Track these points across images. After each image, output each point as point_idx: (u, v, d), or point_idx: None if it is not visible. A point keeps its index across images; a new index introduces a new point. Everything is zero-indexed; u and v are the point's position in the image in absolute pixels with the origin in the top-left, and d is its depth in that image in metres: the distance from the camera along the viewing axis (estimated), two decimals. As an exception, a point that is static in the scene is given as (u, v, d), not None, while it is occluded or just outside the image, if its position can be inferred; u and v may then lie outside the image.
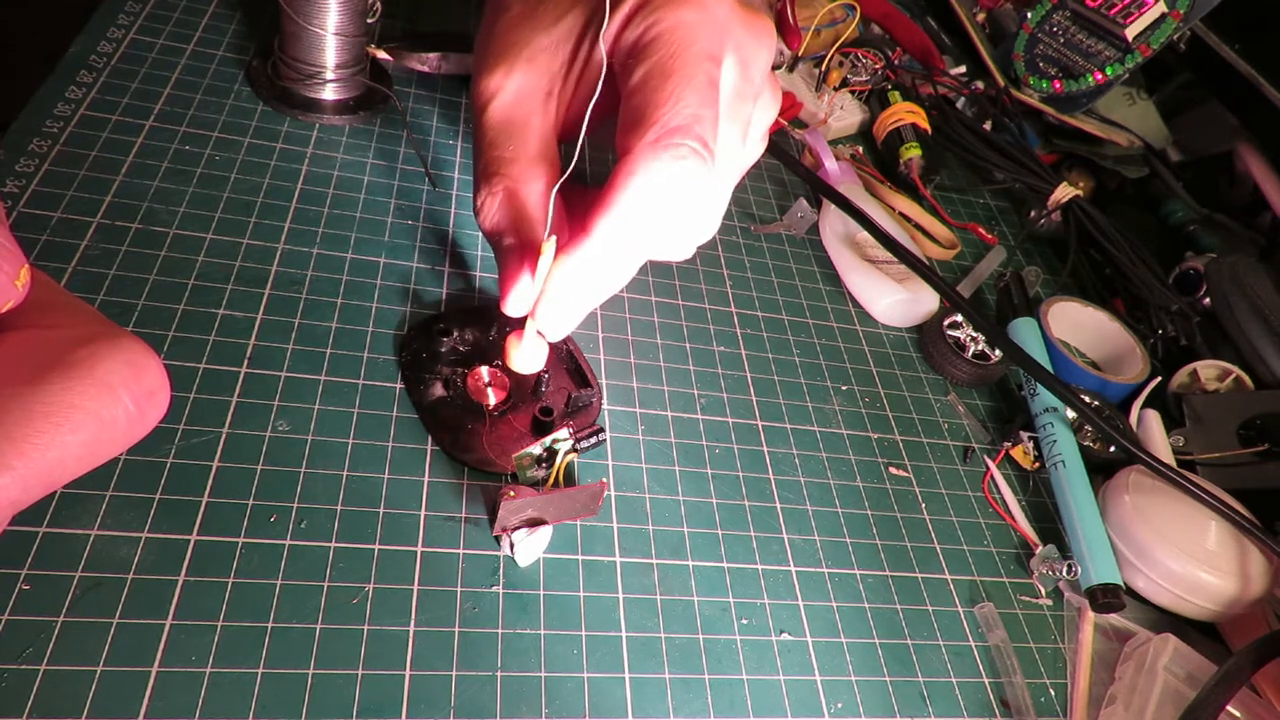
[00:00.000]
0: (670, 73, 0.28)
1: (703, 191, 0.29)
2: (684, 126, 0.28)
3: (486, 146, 0.32)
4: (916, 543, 0.39)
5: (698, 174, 0.28)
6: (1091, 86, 0.62)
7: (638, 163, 0.28)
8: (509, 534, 0.32)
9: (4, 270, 0.19)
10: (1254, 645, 0.33)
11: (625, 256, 0.30)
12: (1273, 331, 0.50)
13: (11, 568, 0.27)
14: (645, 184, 0.28)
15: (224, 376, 0.33)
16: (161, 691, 0.26)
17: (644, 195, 0.28)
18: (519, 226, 0.31)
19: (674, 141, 0.28)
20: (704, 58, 0.29)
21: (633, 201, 0.28)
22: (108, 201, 0.37)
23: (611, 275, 0.30)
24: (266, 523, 0.30)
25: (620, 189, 0.28)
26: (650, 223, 0.29)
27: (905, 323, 0.49)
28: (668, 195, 0.28)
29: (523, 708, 0.29)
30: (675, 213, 0.29)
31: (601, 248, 0.29)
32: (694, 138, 0.28)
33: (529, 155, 0.31)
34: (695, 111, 0.28)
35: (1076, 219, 0.55)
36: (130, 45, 0.45)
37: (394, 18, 0.54)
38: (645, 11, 0.29)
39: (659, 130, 0.28)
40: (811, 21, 0.61)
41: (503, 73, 0.31)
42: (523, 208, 0.31)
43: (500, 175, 0.31)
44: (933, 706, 0.34)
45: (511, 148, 0.31)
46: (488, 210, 0.32)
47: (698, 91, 0.28)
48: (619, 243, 0.29)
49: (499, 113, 0.32)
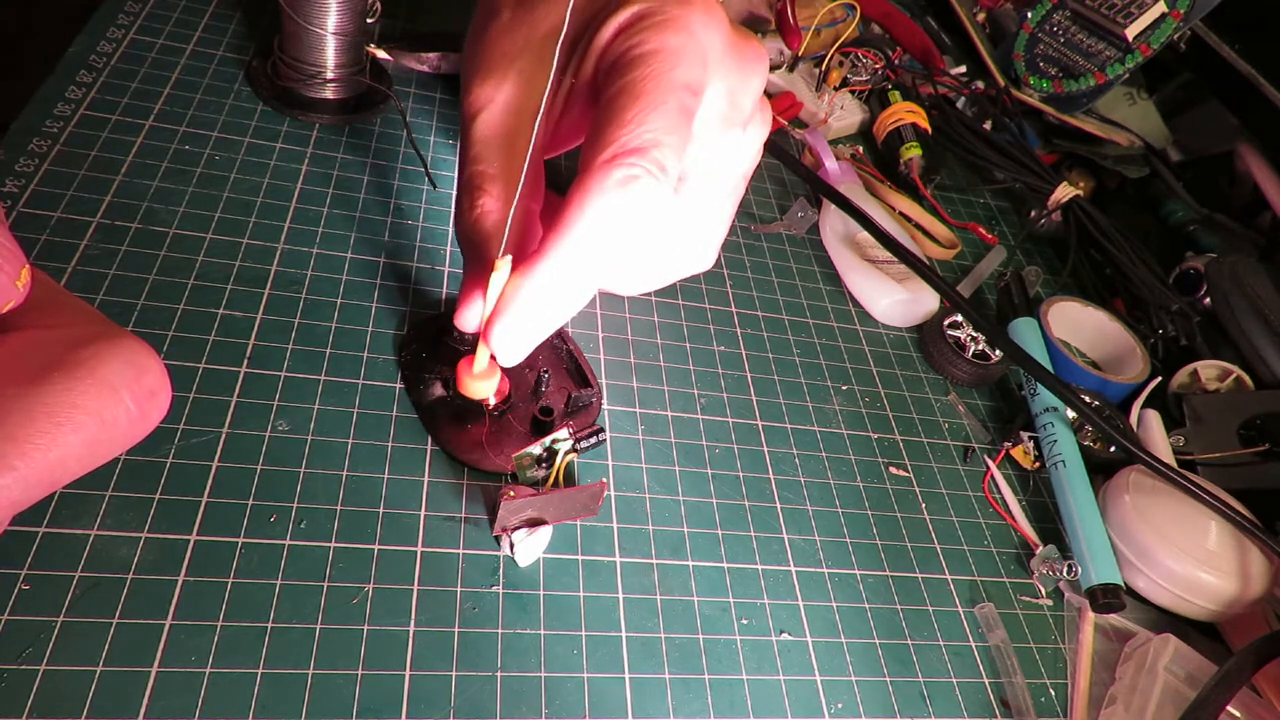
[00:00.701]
0: (640, 94, 0.27)
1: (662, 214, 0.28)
2: (640, 149, 0.27)
3: (471, 160, 0.31)
4: (917, 543, 0.39)
5: (650, 196, 0.27)
6: (1092, 86, 0.62)
7: (590, 182, 0.27)
8: (509, 534, 0.32)
9: (5, 270, 0.19)
10: (1254, 645, 0.33)
11: (580, 279, 0.29)
12: (1273, 331, 0.50)
13: (11, 568, 0.27)
14: (596, 204, 0.27)
15: (224, 376, 0.33)
16: (161, 691, 0.26)
17: (595, 216, 0.27)
18: (487, 244, 0.30)
19: (627, 162, 0.27)
20: (679, 85, 0.28)
21: (584, 223, 0.27)
22: (108, 201, 0.37)
23: (566, 298, 0.29)
24: (266, 523, 0.30)
25: (572, 209, 0.27)
26: (604, 245, 0.28)
27: (905, 323, 0.49)
28: (619, 216, 0.27)
29: (523, 708, 0.29)
30: (630, 234, 0.28)
31: (554, 270, 0.28)
32: (649, 160, 0.27)
33: (510, 171, 0.31)
34: (656, 136, 0.27)
35: (1077, 219, 0.55)
36: (130, 45, 0.45)
37: (394, 18, 0.54)
38: (633, 30, 0.29)
39: (615, 150, 0.27)
40: (811, 21, 0.61)
41: (493, 84, 0.31)
42: (498, 226, 0.30)
43: (480, 190, 0.30)
44: (933, 706, 0.34)
45: (495, 164, 0.31)
46: (462, 224, 0.31)
47: (664, 117, 0.27)
48: (572, 265, 0.28)
49: (486, 127, 0.31)
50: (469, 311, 0.31)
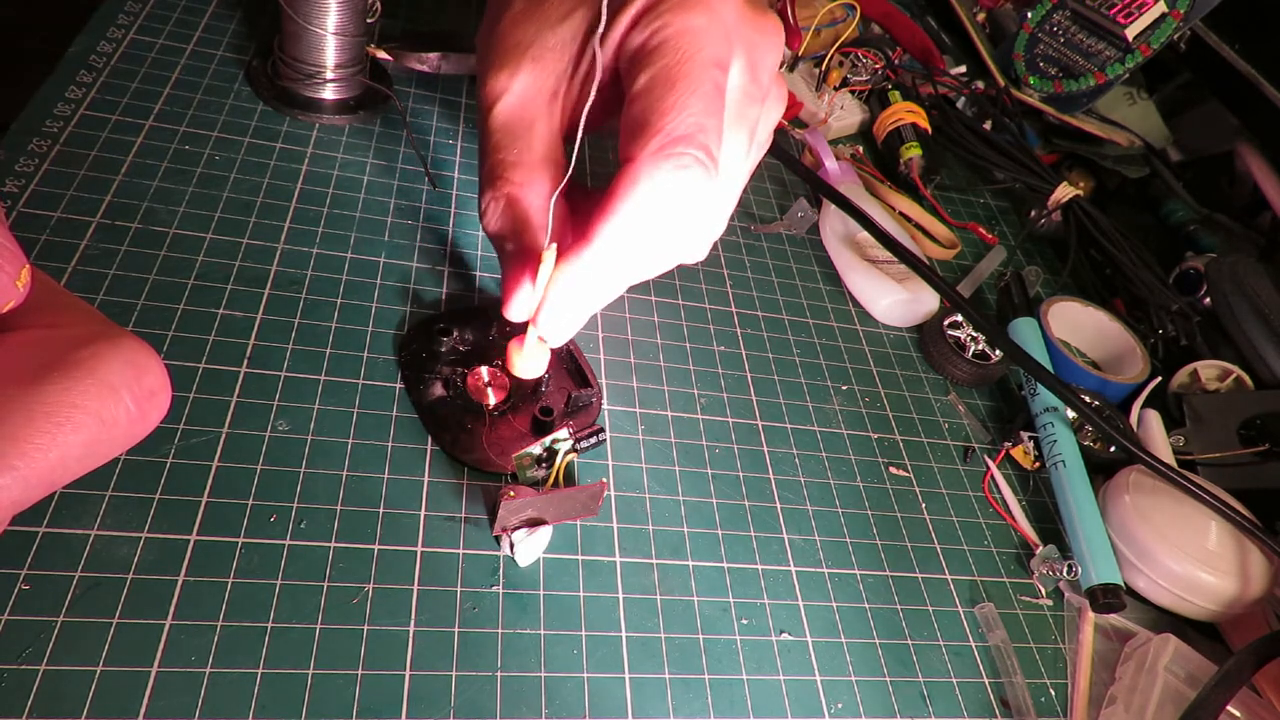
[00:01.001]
0: (675, 80, 0.28)
1: (705, 200, 0.29)
2: (688, 135, 0.27)
3: (491, 150, 0.31)
4: (917, 543, 0.39)
5: (700, 184, 0.28)
6: (1092, 86, 0.62)
7: (640, 172, 0.27)
8: (509, 534, 0.32)
9: (5, 270, 0.19)
10: (1254, 645, 0.33)
11: (626, 265, 0.30)
12: (1273, 331, 0.50)
13: (11, 568, 0.27)
14: (647, 194, 0.28)
15: (224, 376, 0.33)
16: (161, 691, 0.26)
17: (645, 205, 0.28)
18: (521, 232, 0.31)
19: (677, 151, 0.27)
20: (710, 64, 0.28)
21: (634, 211, 0.28)
22: (108, 201, 0.37)
23: (612, 283, 0.30)
24: (266, 523, 0.30)
25: (622, 198, 0.28)
26: (651, 232, 0.29)
27: (905, 322, 0.49)
28: (669, 205, 0.28)
29: (523, 708, 0.29)
30: (677, 222, 0.29)
31: (602, 256, 0.28)
32: (698, 146, 0.27)
33: (533, 159, 0.31)
34: (700, 120, 0.28)
35: (1076, 219, 0.55)
36: (130, 45, 0.45)
37: (394, 18, 0.54)
38: (651, 15, 0.29)
39: (663, 139, 0.27)
40: (811, 21, 0.61)
41: (508, 74, 0.31)
42: (525, 213, 0.31)
43: (504, 179, 0.31)
44: (933, 706, 0.34)
45: (516, 151, 0.31)
46: (491, 215, 0.32)
47: (703, 100, 0.28)
48: (619, 251, 0.29)
49: (503, 115, 0.31)
50: (519, 299, 0.31)
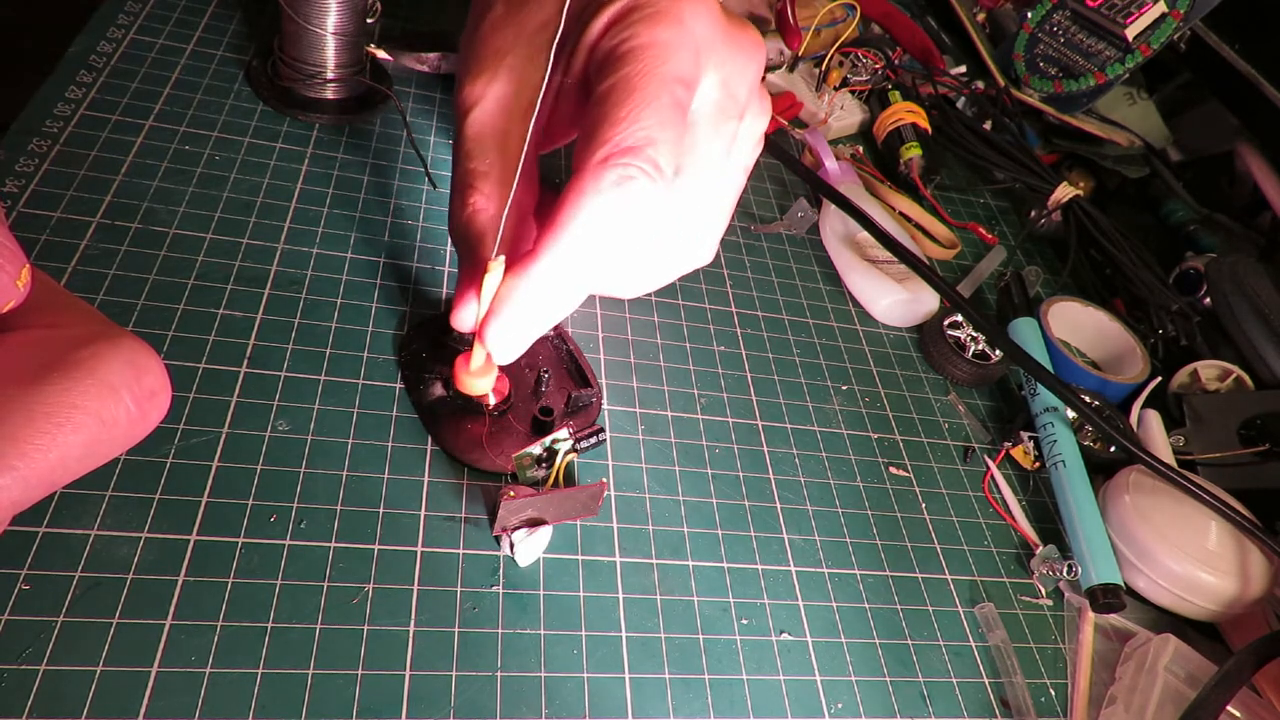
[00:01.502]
0: (632, 91, 0.27)
1: (658, 214, 0.28)
2: (634, 148, 0.27)
3: (463, 158, 0.31)
4: (917, 543, 0.39)
5: (646, 196, 0.27)
6: (1092, 86, 0.62)
7: (585, 183, 0.27)
8: (509, 534, 0.32)
9: (5, 270, 0.19)
10: (1254, 645, 0.33)
11: (575, 278, 0.29)
12: (1273, 331, 0.50)
13: (11, 568, 0.27)
14: (591, 205, 0.27)
15: (224, 376, 0.33)
16: (161, 691, 0.26)
17: (589, 216, 0.27)
18: (478, 244, 0.30)
19: (622, 162, 0.26)
20: (672, 79, 0.28)
21: (579, 223, 0.27)
22: (108, 201, 0.37)
23: (561, 298, 0.29)
24: (266, 523, 0.30)
25: (566, 210, 0.27)
26: (598, 244, 0.28)
27: (905, 322, 0.49)
28: (614, 216, 0.27)
29: (523, 708, 0.29)
30: (625, 235, 0.28)
31: (548, 268, 0.28)
32: (644, 159, 0.27)
33: (503, 169, 0.30)
34: (650, 133, 0.27)
35: (1076, 219, 0.55)
36: (130, 45, 0.45)
37: (394, 18, 0.54)
38: (622, 24, 0.28)
39: (609, 149, 0.27)
40: (811, 21, 0.61)
41: (484, 81, 0.31)
42: (486, 225, 0.30)
43: (472, 189, 0.30)
44: (933, 706, 0.34)
45: (487, 161, 0.30)
46: (455, 223, 0.31)
47: (658, 113, 0.27)
48: (566, 264, 0.28)
49: (477, 124, 0.31)
50: (464, 311, 0.31)
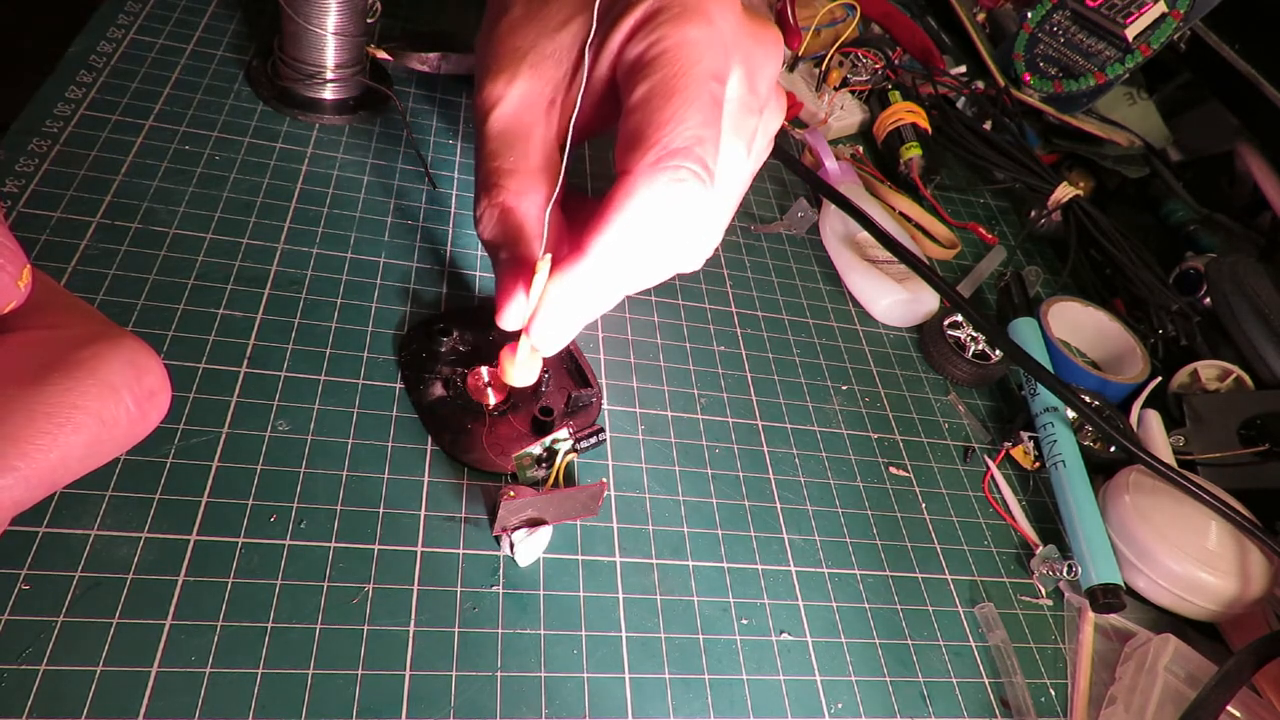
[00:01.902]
0: (673, 92, 0.28)
1: (701, 212, 0.29)
2: (684, 149, 0.27)
3: (487, 157, 0.31)
4: (917, 543, 0.39)
5: (697, 197, 0.28)
6: (1092, 86, 0.62)
7: (636, 184, 0.27)
8: (509, 534, 0.32)
9: (6, 270, 0.19)
10: (1254, 645, 0.33)
11: (620, 277, 0.30)
12: (1273, 331, 0.50)
13: (11, 568, 0.27)
14: (643, 206, 0.27)
15: (224, 376, 0.33)
16: (161, 691, 0.26)
17: (641, 218, 0.28)
18: (515, 241, 0.31)
19: (674, 164, 0.27)
20: (708, 77, 0.28)
21: (629, 224, 0.28)
22: (108, 201, 0.37)
23: (606, 295, 0.30)
24: (266, 523, 0.30)
25: (617, 210, 0.28)
26: (646, 244, 0.29)
27: (905, 323, 0.49)
28: (665, 218, 0.28)
29: (523, 708, 0.29)
30: (672, 234, 0.29)
31: (596, 268, 0.28)
32: (694, 160, 0.27)
33: (529, 167, 0.31)
34: (697, 133, 0.27)
35: (1076, 219, 0.55)
36: (130, 45, 0.45)
37: (394, 18, 0.54)
38: (650, 26, 0.29)
39: (659, 152, 0.27)
40: (811, 21, 0.61)
41: (505, 80, 0.31)
42: (520, 222, 0.31)
43: (499, 187, 0.31)
44: (933, 706, 0.34)
45: (512, 159, 0.31)
46: (486, 223, 0.31)
47: (701, 112, 0.28)
48: (614, 264, 0.28)
49: (500, 122, 0.31)
50: (511, 309, 0.31)
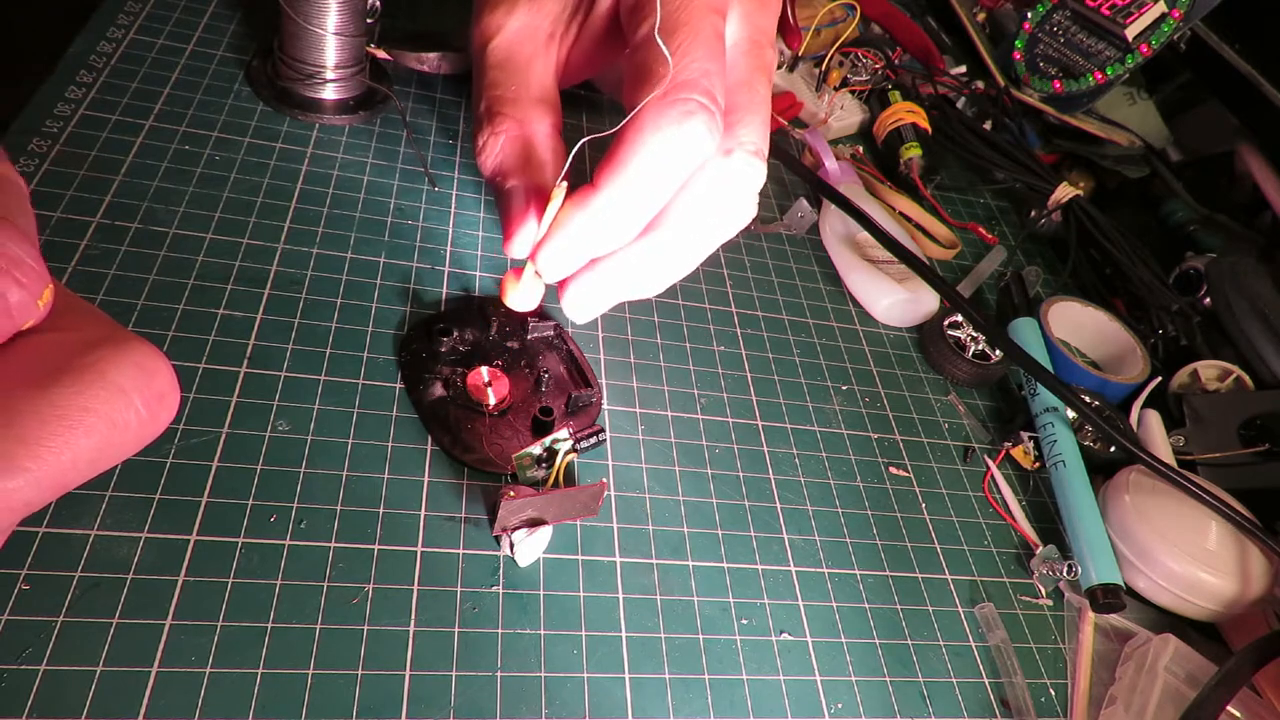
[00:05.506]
0: (676, 27, 0.28)
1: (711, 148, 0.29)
2: (691, 81, 0.28)
3: (488, 86, 0.31)
4: (916, 543, 0.39)
5: (707, 128, 0.28)
6: (1092, 86, 0.62)
7: (646, 119, 0.28)
8: (509, 534, 0.32)
9: (29, 290, 0.20)
10: (1254, 645, 0.33)
11: (631, 212, 0.30)
12: (1273, 331, 0.50)
13: (11, 568, 0.27)
14: (654, 140, 0.28)
15: (224, 376, 0.33)
16: (161, 691, 0.26)
17: (653, 151, 0.28)
18: (522, 168, 0.31)
19: (682, 96, 0.28)
20: (709, 10, 0.29)
21: (642, 157, 0.28)
22: (108, 201, 0.37)
23: (618, 229, 0.30)
24: (266, 523, 0.30)
25: (629, 144, 0.28)
26: (660, 180, 0.29)
27: (905, 323, 0.49)
28: (677, 150, 0.28)
29: (523, 708, 0.29)
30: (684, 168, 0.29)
31: (609, 202, 0.29)
32: (702, 92, 0.28)
33: (531, 96, 0.31)
34: (702, 65, 0.28)
35: (1077, 219, 0.55)
36: (130, 45, 0.45)
37: (394, 18, 0.54)
38: None
39: (667, 85, 0.28)
40: (811, 21, 0.61)
41: (504, 10, 0.31)
42: (529, 149, 0.31)
43: (503, 115, 0.31)
44: (933, 706, 0.34)
45: (514, 87, 0.31)
46: (490, 151, 0.31)
47: (704, 45, 0.28)
48: (626, 199, 0.29)
49: (500, 51, 0.31)
50: (521, 236, 0.31)
